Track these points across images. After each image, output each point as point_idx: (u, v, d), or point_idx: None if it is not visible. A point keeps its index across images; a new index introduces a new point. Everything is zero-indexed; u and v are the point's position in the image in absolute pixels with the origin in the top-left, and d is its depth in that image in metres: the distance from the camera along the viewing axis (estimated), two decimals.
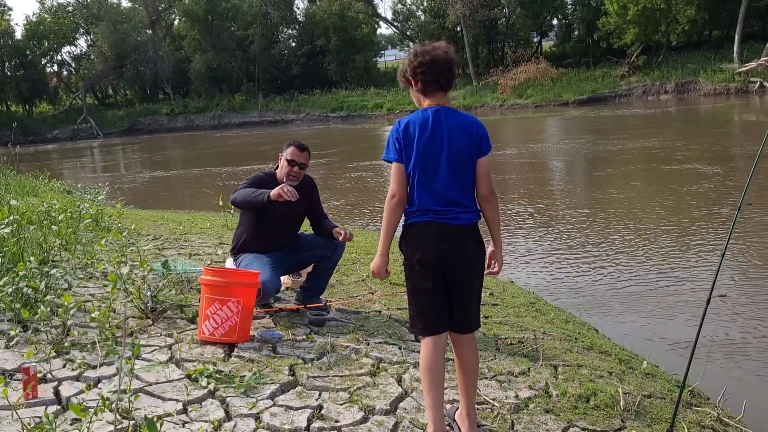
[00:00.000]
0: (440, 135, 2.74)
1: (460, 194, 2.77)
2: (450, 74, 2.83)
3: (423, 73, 2.79)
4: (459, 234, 2.76)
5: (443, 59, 2.81)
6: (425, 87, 2.81)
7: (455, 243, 2.75)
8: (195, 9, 44.86)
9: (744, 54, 31.54)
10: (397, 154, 2.79)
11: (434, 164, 2.74)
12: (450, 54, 2.85)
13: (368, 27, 46.97)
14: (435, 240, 2.74)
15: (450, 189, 2.75)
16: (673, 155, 14.41)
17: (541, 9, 41.12)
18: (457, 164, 2.75)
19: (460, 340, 2.88)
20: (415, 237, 2.79)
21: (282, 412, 2.99)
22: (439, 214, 2.74)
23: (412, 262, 2.79)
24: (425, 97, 2.83)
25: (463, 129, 2.77)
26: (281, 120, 40.67)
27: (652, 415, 3.27)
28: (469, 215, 2.78)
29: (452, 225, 2.74)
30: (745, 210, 3.48)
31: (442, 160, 2.74)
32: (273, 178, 4.38)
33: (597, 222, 9.14)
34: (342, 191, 13.62)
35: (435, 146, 2.74)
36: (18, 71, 46.80)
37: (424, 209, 2.76)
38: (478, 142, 2.79)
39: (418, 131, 2.74)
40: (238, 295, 3.74)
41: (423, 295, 2.81)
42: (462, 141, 2.76)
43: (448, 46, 2.88)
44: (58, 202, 6.94)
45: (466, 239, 2.78)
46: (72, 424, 2.78)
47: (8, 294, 3.86)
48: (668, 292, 6.15)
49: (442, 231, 2.74)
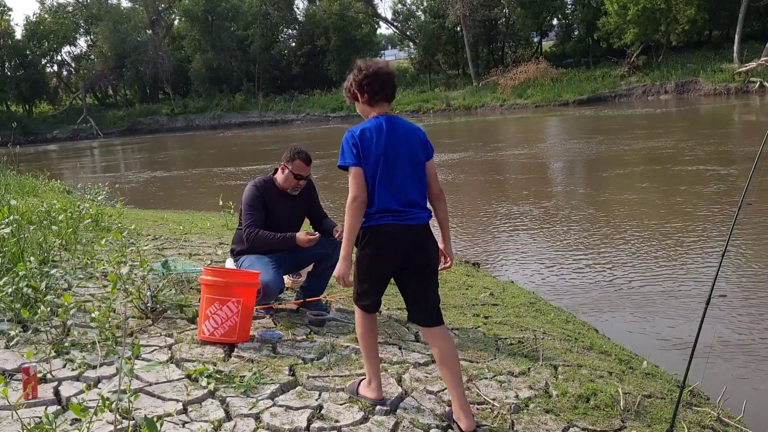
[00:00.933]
0: (397, 138, 2.93)
1: (417, 194, 2.95)
2: (392, 85, 3.02)
3: (369, 84, 2.96)
4: (419, 233, 2.94)
5: (385, 71, 2.99)
6: (371, 98, 2.99)
7: (416, 242, 2.93)
8: (195, 9, 44.85)
9: (744, 54, 31.55)
10: (356, 158, 2.90)
11: (394, 166, 2.91)
12: (391, 68, 3.05)
13: (368, 27, 46.99)
14: (398, 242, 2.90)
15: (409, 189, 2.93)
16: (673, 155, 14.41)
17: (541, 9, 41.13)
18: (414, 165, 2.95)
19: (431, 333, 3.01)
20: (376, 240, 2.92)
21: (282, 412, 2.99)
22: (400, 216, 2.89)
23: (372, 263, 2.96)
24: (372, 108, 3.01)
25: (414, 134, 3.00)
26: (281, 120, 40.67)
27: (652, 415, 3.27)
28: (426, 214, 2.97)
29: (413, 225, 2.91)
30: (745, 210, 3.48)
31: (402, 162, 2.92)
32: (272, 184, 4.37)
33: (597, 222, 9.14)
34: (342, 191, 13.62)
35: (393, 149, 2.91)
36: (18, 71, 46.81)
37: (385, 209, 2.89)
38: (425, 145, 3.01)
39: (375, 136, 2.90)
40: (238, 295, 3.74)
41: (376, 285, 3.02)
42: (415, 144, 2.98)
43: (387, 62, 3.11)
44: (58, 202, 6.94)
45: (425, 238, 2.97)
46: (72, 424, 2.78)
47: (8, 294, 3.86)
48: (668, 292, 6.15)
49: (405, 232, 2.90)
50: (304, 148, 4.41)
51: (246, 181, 4.86)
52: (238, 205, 5.51)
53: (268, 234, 4.24)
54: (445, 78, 42.72)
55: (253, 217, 4.26)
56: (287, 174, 4.32)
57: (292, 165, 4.29)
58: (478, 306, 4.96)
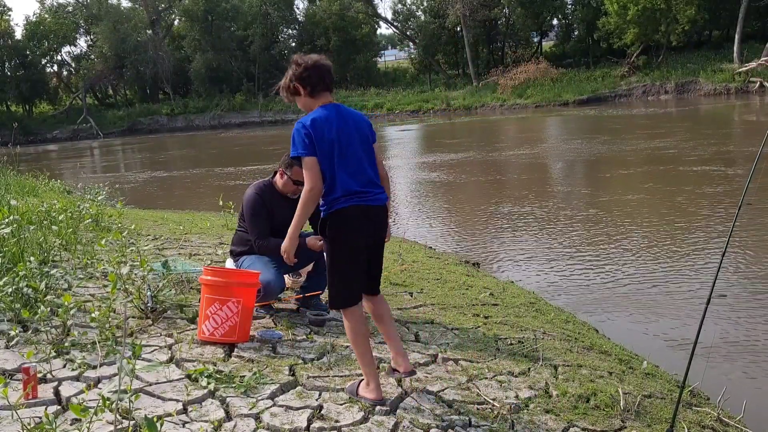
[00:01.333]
0: (347, 124, 3.05)
1: (374, 175, 3.12)
2: (330, 76, 3.15)
3: (309, 77, 3.08)
4: (379, 214, 3.12)
5: (322, 63, 3.14)
6: (313, 89, 3.10)
7: (378, 223, 3.13)
8: (195, 9, 44.81)
9: (744, 54, 31.54)
10: (308, 148, 2.97)
11: (348, 150, 3.02)
12: (327, 60, 3.19)
13: (368, 27, 46.94)
14: (365, 223, 3.06)
15: (366, 170, 3.08)
16: (674, 155, 14.41)
17: (541, 9, 41.10)
18: (366, 148, 3.10)
19: (375, 299, 3.27)
20: (346, 222, 3.03)
21: (282, 412, 2.99)
22: (363, 197, 3.03)
23: (346, 246, 3.07)
24: (315, 99, 3.11)
25: (360, 119, 3.14)
26: (281, 120, 40.64)
27: (652, 415, 3.28)
28: (384, 195, 3.15)
29: (374, 206, 3.07)
30: (745, 210, 3.48)
31: (355, 146, 3.05)
32: (272, 188, 4.38)
33: (597, 222, 9.14)
34: None
35: (346, 134, 3.03)
36: (18, 71, 46.74)
37: (348, 192, 3.00)
38: (371, 129, 3.17)
39: (326, 124, 3.00)
40: (238, 295, 3.74)
41: (353, 272, 3.11)
42: (363, 128, 3.12)
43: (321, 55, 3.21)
44: (58, 202, 6.94)
45: (384, 218, 3.17)
46: (72, 424, 2.78)
47: (8, 294, 3.87)
48: (668, 292, 6.15)
49: (369, 212, 3.05)
50: None
51: (246, 182, 4.86)
52: (238, 206, 5.51)
53: (278, 241, 4.24)
54: (445, 78, 42.72)
55: (260, 228, 4.27)
56: (286, 180, 4.32)
57: (291, 171, 4.29)
58: (478, 306, 4.96)
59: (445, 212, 11.17)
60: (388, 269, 5.83)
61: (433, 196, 12.61)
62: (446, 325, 4.38)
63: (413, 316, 4.57)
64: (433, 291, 5.31)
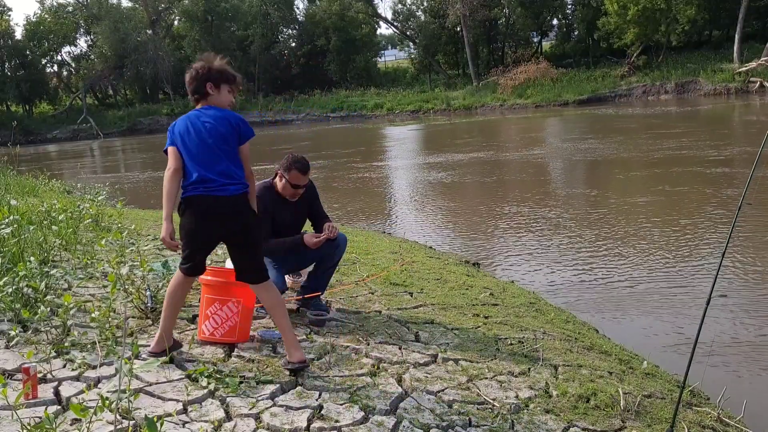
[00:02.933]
0: (204, 123, 3.36)
1: (225, 168, 3.33)
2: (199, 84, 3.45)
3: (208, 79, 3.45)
4: (228, 204, 3.32)
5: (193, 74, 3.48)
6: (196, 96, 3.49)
7: (225, 213, 3.33)
8: (195, 9, 44.83)
9: (744, 54, 31.54)
10: (171, 141, 3.41)
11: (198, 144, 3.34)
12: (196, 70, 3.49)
13: (368, 27, 46.95)
14: (207, 212, 3.33)
15: (216, 165, 3.32)
16: (674, 155, 14.41)
17: (541, 9, 41.14)
18: (220, 145, 3.34)
19: (259, 288, 3.47)
20: (191, 209, 3.34)
21: (282, 412, 2.99)
22: (210, 188, 3.30)
23: (190, 228, 3.37)
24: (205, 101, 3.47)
25: (222, 120, 3.37)
26: (281, 120, 40.65)
27: (652, 415, 3.27)
28: (234, 187, 3.33)
29: (220, 197, 3.30)
30: (745, 210, 3.48)
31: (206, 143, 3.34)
32: (273, 190, 4.38)
33: (597, 222, 9.14)
34: (343, 192, 13.62)
35: (202, 131, 3.35)
36: (18, 71, 46.73)
37: (198, 180, 3.31)
38: (236, 130, 3.38)
39: (189, 121, 3.39)
40: (238, 295, 3.74)
41: (196, 250, 3.41)
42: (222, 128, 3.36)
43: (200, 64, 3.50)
44: (58, 202, 6.94)
45: (235, 207, 3.34)
46: (72, 424, 2.78)
47: (8, 294, 3.87)
48: (668, 292, 6.15)
49: (212, 203, 3.31)
50: (302, 156, 4.37)
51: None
52: None
53: (279, 241, 4.29)
54: (445, 78, 42.72)
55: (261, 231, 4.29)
56: (285, 183, 4.32)
57: (289, 175, 4.29)
58: (478, 306, 4.96)
59: (446, 212, 11.17)
60: (388, 269, 5.83)
61: (433, 196, 12.61)
62: (446, 325, 4.38)
63: (413, 316, 4.57)
64: (433, 291, 5.31)
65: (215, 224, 3.35)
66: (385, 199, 12.99)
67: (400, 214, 11.19)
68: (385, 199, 13.07)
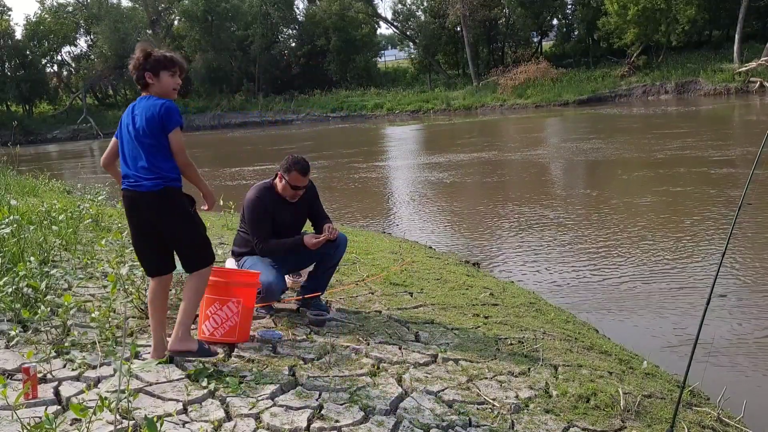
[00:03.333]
0: (129, 117, 3.36)
1: (148, 163, 3.29)
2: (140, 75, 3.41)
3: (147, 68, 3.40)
4: (150, 199, 3.31)
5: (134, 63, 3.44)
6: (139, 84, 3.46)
7: (143, 208, 3.34)
8: (195, 9, 44.81)
9: (744, 54, 31.52)
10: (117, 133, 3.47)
11: (126, 138, 3.36)
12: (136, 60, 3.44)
13: (368, 27, 46.92)
14: (129, 204, 3.39)
15: (136, 159, 3.31)
16: (673, 155, 14.41)
17: (541, 9, 41.09)
18: (142, 138, 3.29)
19: (189, 276, 3.50)
20: (123, 202, 3.46)
21: (282, 412, 2.99)
22: (130, 182, 3.34)
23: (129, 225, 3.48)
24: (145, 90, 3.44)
25: (148, 110, 3.29)
26: (281, 120, 40.64)
27: (652, 415, 3.27)
28: (151, 182, 3.29)
29: (135, 191, 3.32)
30: (745, 210, 3.48)
31: (129, 135, 3.34)
32: (273, 190, 4.38)
33: (597, 222, 9.14)
34: (343, 192, 13.62)
35: (127, 124, 3.36)
36: (18, 71, 46.70)
37: (124, 175, 3.37)
38: (161, 122, 3.27)
39: (124, 114, 3.42)
40: (238, 295, 3.74)
41: (136, 247, 3.51)
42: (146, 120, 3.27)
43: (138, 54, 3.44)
44: (58, 202, 6.94)
45: (150, 203, 3.31)
46: (72, 424, 2.78)
47: (8, 294, 3.87)
48: (668, 292, 6.15)
49: (132, 197, 3.35)
50: (302, 157, 4.38)
51: (247, 182, 4.86)
52: (238, 206, 5.50)
53: (279, 242, 4.29)
54: (445, 78, 42.71)
55: (261, 231, 4.30)
56: (284, 184, 4.33)
57: (289, 176, 4.29)
58: (478, 306, 4.96)
59: (446, 212, 11.17)
60: (388, 269, 5.83)
61: (433, 196, 12.61)
62: (446, 325, 4.38)
63: (413, 316, 4.57)
64: (433, 291, 5.31)
65: (136, 220, 3.40)
66: (386, 199, 12.98)
67: (400, 214, 11.19)
68: (386, 199, 13.07)
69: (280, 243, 4.31)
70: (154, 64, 3.36)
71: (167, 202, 3.34)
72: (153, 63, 3.36)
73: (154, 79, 3.37)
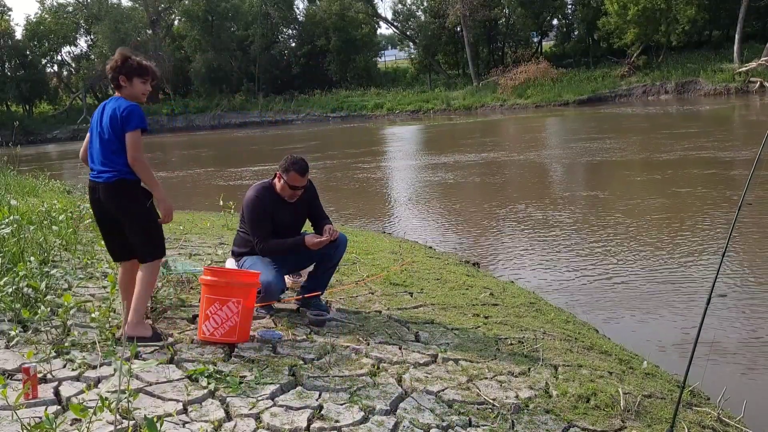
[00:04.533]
0: (100, 115, 3.69)
1: (105, 158, 3.62)
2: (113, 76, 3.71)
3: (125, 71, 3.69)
4: (105, 189, 3.62)
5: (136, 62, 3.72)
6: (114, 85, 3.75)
7: (104, 197, 3.63)
8: (195, 9, 44.82)
9: (744, 54, 31.53)
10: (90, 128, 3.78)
11: (93, 134, 3.71)
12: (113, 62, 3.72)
13: (368, 27, 46.91)
14: (91, 194, 3.71)
15: (98, 154, 3.65)
16: (672, 155, 14.41)
17: (541, 9, 41.11)
18: (102, 135, 3.63)
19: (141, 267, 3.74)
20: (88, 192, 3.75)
21: (282, 412, 2.99)
22: (93, 175, 3.67)
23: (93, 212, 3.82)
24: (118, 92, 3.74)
25: (111, 111, 3.61)
26: (281, 120, 40.64)
27: (653, 415, 3.27)
28: (109, 174, 3.61)
29: (99, 183, 3.64)
30: (745, 210, 3.48)
31: (95, 132, 3.68)
32: (272, 190, 4.39)
33: (597, 222, 9.14)
34: (344, 192, 13.62)
35: (95, 122, 3.70)
36: (18, 71, 46.71)
37: (90, 168, 3.71)
38: (120, 122, 3.57)
39: (97, 112, 3.74)
40: (238, 295, 3.74)
41: (101, 233, 3.87)
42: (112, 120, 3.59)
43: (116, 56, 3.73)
44: (58, 202, 6.94)
45: (110, 193, 3.62)
46: (72, 424, 2.78)
47: (8, 294, 3.87)
48: (668, 292, 6.14)
49: (93, 187, 3.68)
50: (300, 157, 4.37)
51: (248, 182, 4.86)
52: (238, 206, 5.50)
53: (279, 242, 4.30)
54: (445, 78, 42.70)
55: (261, 231, 4.29)
56: (283, 184, 4.33)
57: (287, 176, 4.29)
58: (478, 306, 4.96)
59: (446, 212, 11.17)
60: (388, 269, 5.83)
61: (433, 196, 12.61)
62: (446, 325, 4.38)
63: (413, 316, 4.57)
64: (433, 291, 5.31)
65: (96, 208, 3.73)
66: (386, 199, 12.99)
67: (401, 214, 11.20)
68: (386, 199, 13.07)
69: (280, 243, 4.31)
70: (129, 69, 3.67)
71: (122, 193, 3.64)
72: (128, 68, 3.67)
73: (127, 82, 3.68)
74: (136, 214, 3.67)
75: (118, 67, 3.65)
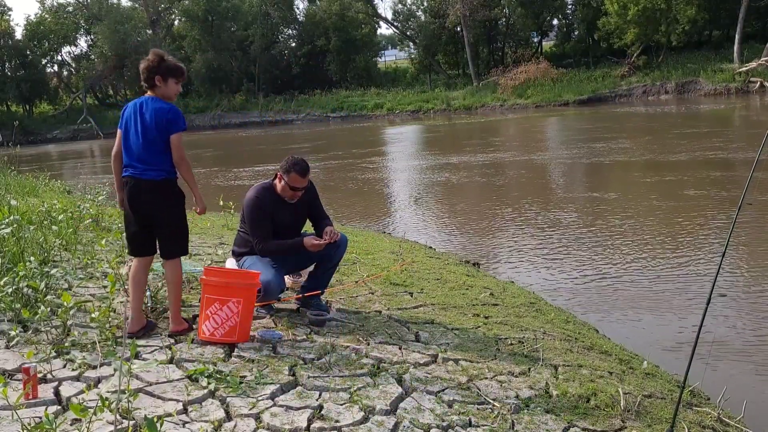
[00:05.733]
0: (136, 113, 3.78)
1: (151, 157, 3.74)
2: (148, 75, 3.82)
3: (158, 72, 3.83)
4: (151, 186, 3.75)
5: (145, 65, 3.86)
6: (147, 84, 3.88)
7: (146, 193, 3.76)
8: (195, 9, 44.80)
9: (744, 54, 31.52)
10: (121, 124, 3.86)
11: (132, 132, 3.78)
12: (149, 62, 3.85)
13: (368, 27, 46.91)
14: (131, 190, 3.78)
15: (142, 152, 3.74)
16: (670, 155, 14.41)
17: (541, 9, 41.10)
18: (145, 134, 3.74)
19: (166, 264, 3.91)
20: (123, 186, 3.84)
21: (282, 412, 2.99)
22: (134, 169, 3.76)
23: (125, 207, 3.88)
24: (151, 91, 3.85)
25: (155, 112, 3.73)
26: (281, 120, 40.63)
27: (653, 415, 3.27)
28: (155, 173, 3.75)
29: (142, 179, 3.75)
30: (745, 210, 3.48)
31: (135, 130, 3.76)
32: (273, 191, 4.39)
33: (597, 222, 9.14)
34: (344, 192, 13.62)
35: (131, 121, 3.79)
36: (18, 71, 46.66)
37: (126, 164, 3.80)
38: (166, 123, 3.73)
39: (130, 109, 3.84)
40: (238, 295, 3.74)
41: (128, 229, 3.92)
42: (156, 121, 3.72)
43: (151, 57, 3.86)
44: (59, 202, 6.94)
45: (155, 190, 3.76)
46: (72, 424, 2.78)
47: (8, 294, 3.87)
48: (669, 292, 6.14)
49: (136, 183, 3.77)
50: (301, 158, 4.37)
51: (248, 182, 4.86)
52: (238, 206, 5.50)
53: (279, 243, 4.30)
54: (446, 78, 42.69)
55: (261, 231, 4.30)
56: (284, 185, 4.33)
57: (288, 177, 4.29)
58: (478, 306, 4.96)
59: (446, 212, 11.16)
60: (388, 269, 5.83)
61: (433, 196, 12.60)
62: (446, 325, 4.38)
63: (413, 316, 4.57)
64: (433, 291, 5.31)
65: (135, 203, 3.78)
66: (386, 200, 12.98)
67: (401, 214, 11.19)
68: (386, 199, 13.07)
69: (280, 244, 4.31)
70: (166, 70, 3.79)
71: (168, 192, 3.80)
72: (164, 69, 3.79)
73: (162, 82, 3.79)
74: (174, 212, 3.85)
75: (155, 67, 3.77)
